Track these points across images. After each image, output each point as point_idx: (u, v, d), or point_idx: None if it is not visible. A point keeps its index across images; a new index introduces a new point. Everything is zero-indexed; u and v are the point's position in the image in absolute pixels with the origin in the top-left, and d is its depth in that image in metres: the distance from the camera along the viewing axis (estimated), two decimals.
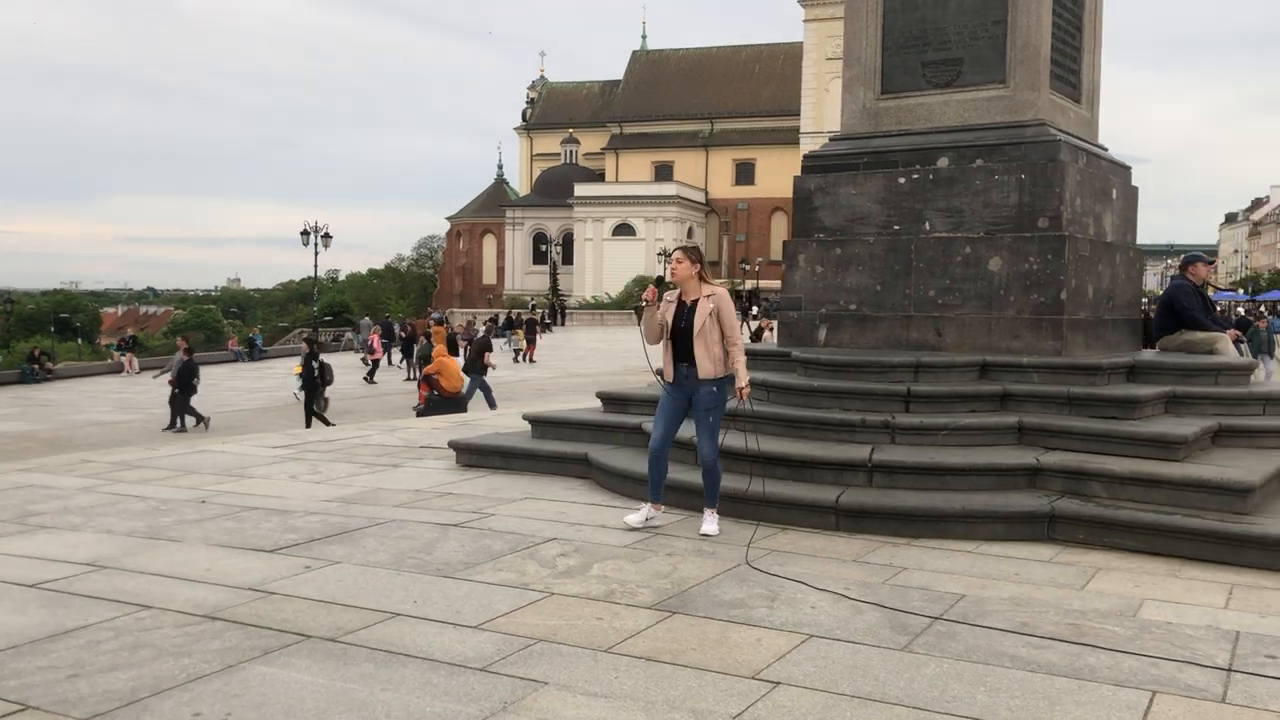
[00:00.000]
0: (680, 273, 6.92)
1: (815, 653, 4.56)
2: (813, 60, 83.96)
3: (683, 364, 6.83)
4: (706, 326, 6.75)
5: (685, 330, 6.80)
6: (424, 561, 6.06)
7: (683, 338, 6.81)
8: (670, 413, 6.92)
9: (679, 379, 6.86)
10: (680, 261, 6.92)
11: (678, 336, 6.84)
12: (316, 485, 8.59)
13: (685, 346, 6.80)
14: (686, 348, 6.79)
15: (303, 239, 47.39)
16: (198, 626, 4.87)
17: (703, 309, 6.79)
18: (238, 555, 6.21)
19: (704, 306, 6.79)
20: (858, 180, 9.55)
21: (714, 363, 6.75)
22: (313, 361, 20.67)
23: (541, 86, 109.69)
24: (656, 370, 7.04)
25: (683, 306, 6.88)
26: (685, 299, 6.89)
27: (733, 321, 6.86)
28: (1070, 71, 9.60)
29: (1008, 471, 7.23)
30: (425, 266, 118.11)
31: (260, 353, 46.01)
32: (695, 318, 6.78)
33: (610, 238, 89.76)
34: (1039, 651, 4.58)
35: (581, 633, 4.81)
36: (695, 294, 6.87)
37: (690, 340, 6.76)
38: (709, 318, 6.76)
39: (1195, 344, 9.78)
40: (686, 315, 6.83)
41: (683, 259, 6.92)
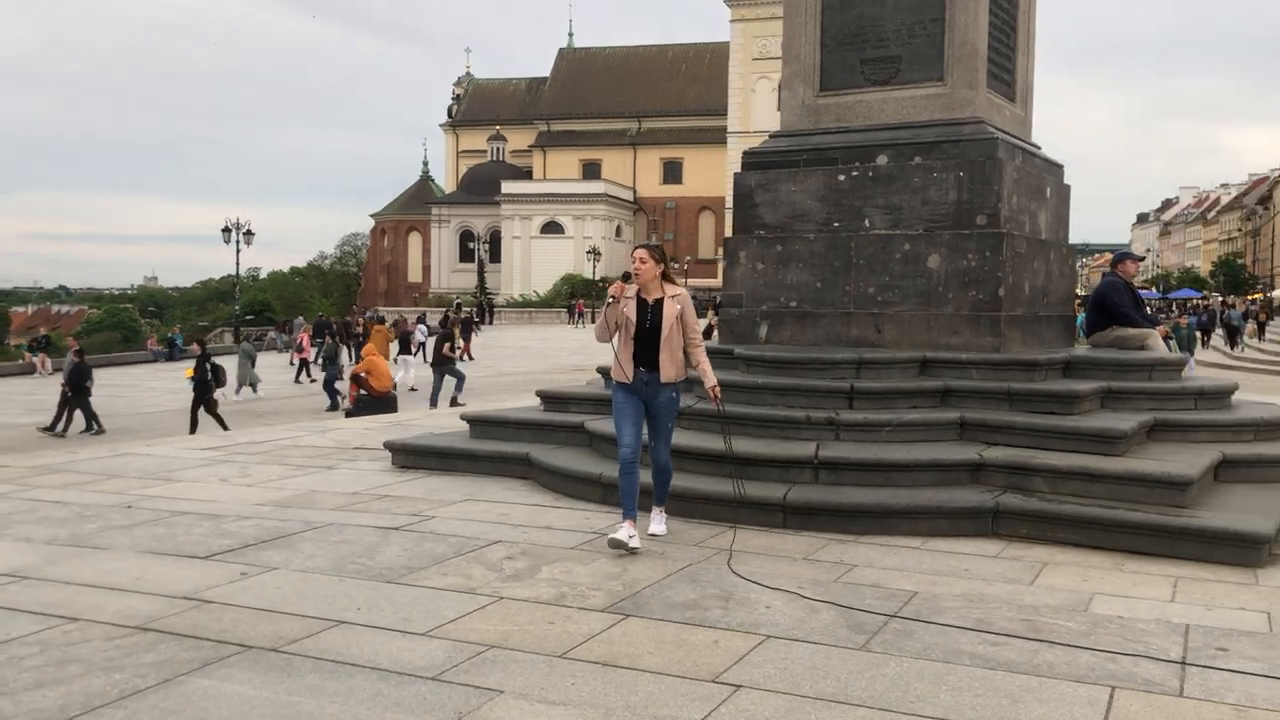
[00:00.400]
0: (645, 273, 6.47)
1: (774, 654, 4.49)
2: (739, 60, 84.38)
3: (642, 367, 6.43)
4: (674, 331, 6.43)
5: (650, 331, 6.42)
6: (366, 566, 5.87)
7: (645, 338, 6.43)
8: (634, 418, 6.48)
9: (636, 383, 6.45)
10: (644, 261, 6.48)
11: (640, 337, 6.45)
12: (248, 488, 8.33)
13: (647, 348, 6.42)
14: (649, 350, 6.42)
15: (224, 236, 46.43)
16: (130, 639, 4.65)
17: (669, 311, 6.43)
18: (169, 562, 5.96)
19: (670, 308, 6.43)
20: (798, 177, 9.53)
21: (677, 367, 6.46)
22: (205, 363, 20.27)
23: (467, 83, 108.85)
24: (604, 370, 6.87)
25: (644, 306, 6.47)
26: (646, 298, 6.48)
27: (696, 323, 6.59)
28: (1005, 70, 9.69)
29: (951, 467, 7.25)
30: (349, 265, 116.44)
31: (180, 352, 44.79)
32: (662, 319, 6.41)
33: (538, 236, 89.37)
34: (996, 649, 4.57)
35: (534, 638, 4.68)
36: (657, 294, 6.48)
37: (655, 342, 6.41)
38: (677, 321, 6.44)
39: (1127, 340, 9.94)
40: (651, 316, 6.45)
41: (647, 258, 6.48)
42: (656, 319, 6.41)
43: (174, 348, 44.92)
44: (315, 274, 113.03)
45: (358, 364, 18.60)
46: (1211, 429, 8.08)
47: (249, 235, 47.56)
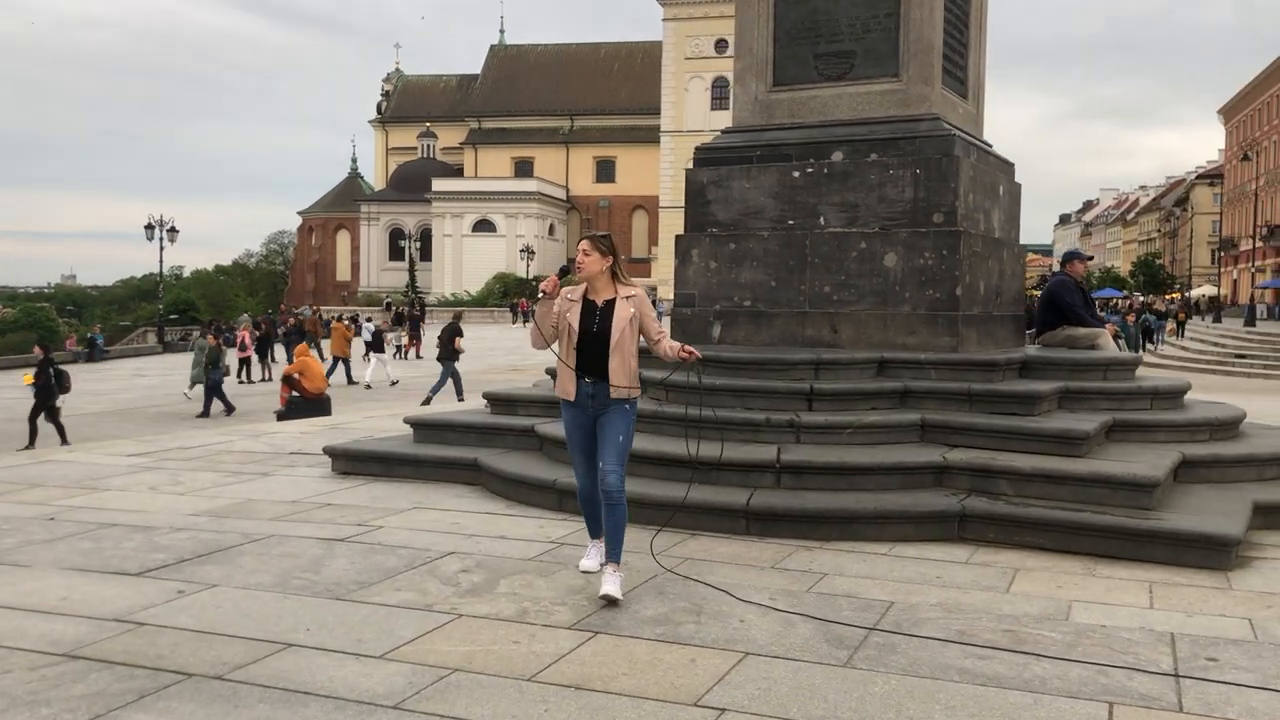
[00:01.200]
0: (589, 267, 5.42)
1: (755, 673, 4.26)
2: (672, 59, 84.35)
3: (587, 379, 5.40)
4: (626, 336, 5.36)
5: (598, 336, 5.38)
6: (312, 582, 5.53)
7: (590, 346, 5.39)
8: (585, 447, 5.54)
9: (581, 397, 5.45)
10: (588, 254, 5.42)
11: (585, 345, 5.42)
12: (181, 497, 7.90)
13: (594, 357, 5.38)
14: (595, 359, 5.38)
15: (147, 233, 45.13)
16: (56, 668, 4.27)
17: (621, 314, 5.38)
18: (98, 580, 5.56)
19: (623, 311, 5.38)
20: (751, 174, 9.33)
21: (630, 378, 5.42)
22: (49, 369, 19.42)
23: (397, 79, 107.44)
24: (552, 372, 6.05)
25: (591, 308, 5.44)
26: (594, 299, 5.46)
27: (658, 324, 5.56)
28: (958, 67, 9.59)
29: (915, 470, 7.10)
30: (276, 263, 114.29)
31: (102, 353, 43.52)
32: (612, 324, 5.36)
33: (470, 234, 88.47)
34: (984, 663, 4.38)
35: (499, 659, 4.39)
36: (608, 293, 5.44)
37: (603, 350, 5.37)
38: (629, 325, 5.37)
39: (1077, 339, 9.91)
40: (599, 320, 5.41)
41: (590, 250, 5.42)
42: (606, 323, 5.38)
43: (95, 348, 43.53)
44: (241, 272, 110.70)
45: (290, 364, 17.99)
46: (1169, 429, 8.03)
47: (173, 232, 46.31)
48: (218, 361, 22.68)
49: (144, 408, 23.06)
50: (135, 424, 19.31)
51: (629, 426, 5.49)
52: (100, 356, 42.94)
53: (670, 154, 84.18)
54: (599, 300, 5.47)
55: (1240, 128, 77.05)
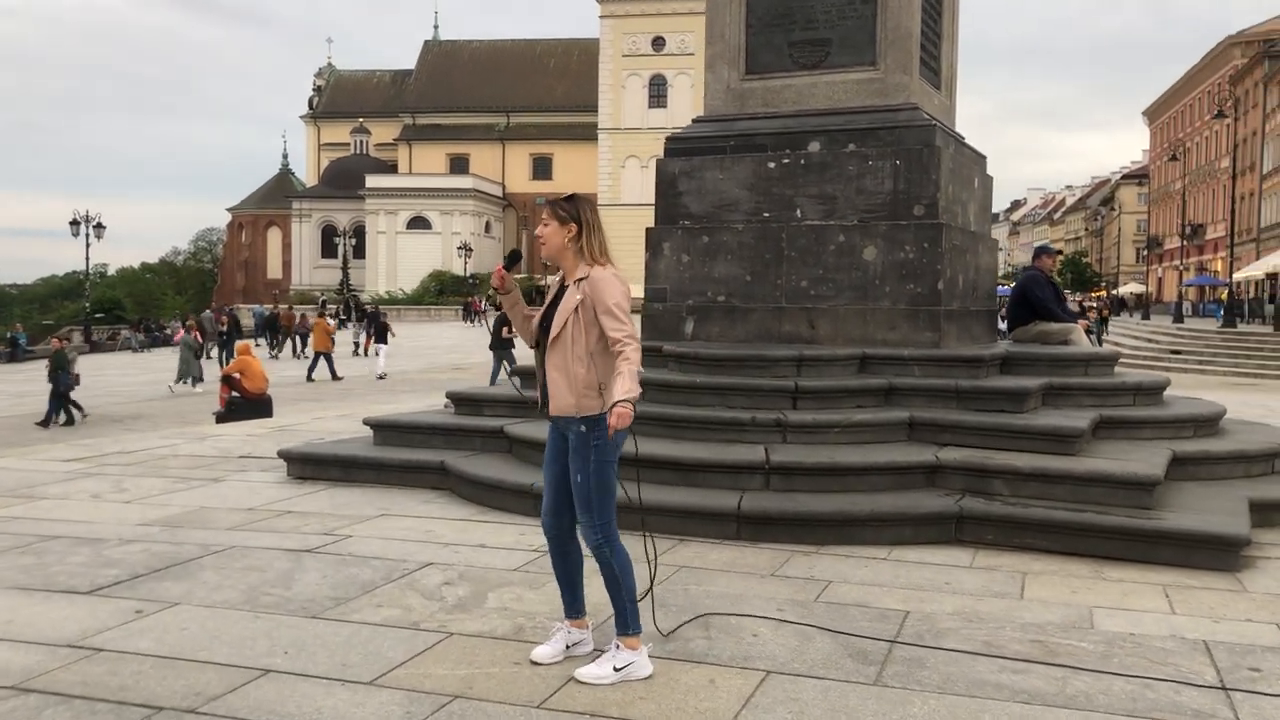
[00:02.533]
0: (550, 242, 4.21)
1: (782, 693, 3.94)
2: (609, 56, 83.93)
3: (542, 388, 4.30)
4: (568, 331, 4.13)
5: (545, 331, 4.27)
6: (283, 598, 5.10)
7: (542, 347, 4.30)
8: (554, 465, 4.33)
9: (543, 409, 4.32)
10: (546, 224, 4.20)
11: (541, 344, 4.30)
12: (127, 506, 7.38)
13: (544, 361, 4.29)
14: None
15: (72, 229, 43.66)
16: (5, 703, 3.82)
17: (566, 302, 4.17)
18: (45, 600, 5.08)
19: (569, 299, 4.16)
20: (725, 164, 9.03)
21: (575, 390, 4.10)
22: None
23: (329, 74, 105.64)
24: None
25: (560, 294, 4.27)
26: (567, 282, 4.26)
27: (615, 316, 4.08)
28: (933, 57, 9.38)
29: (907, 470, 6.85)
30: (204, 261, 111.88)
31: (25, 353, 41.98)
32: (558, 314, 4.19)
33: (404, 231, 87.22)
34: (1021, 677, 4.11)
35: (502, 684, 4.02)
36: (572, 274, 4.21)
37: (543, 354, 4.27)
38: (573, 315, 4.12)
39: (1050, 334, 9.78)
40: (547, 311, 4.31)
41: (549, 219, 4.19)
42: (552, 315, 4.25)
43: (17, 347, 41.99)
44: (168, 270, 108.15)
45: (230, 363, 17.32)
46: (1154, 425, 7.89)
47: (99, 228, 44.84)
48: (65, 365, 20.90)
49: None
50: (66, 427, 18.47)
51: (591, 460, 4.13)
52: (23, 357, 41.43)
53: (608, 151, 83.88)
54: (569, 282, 4.24)
55: (1164, 129, 78.78)
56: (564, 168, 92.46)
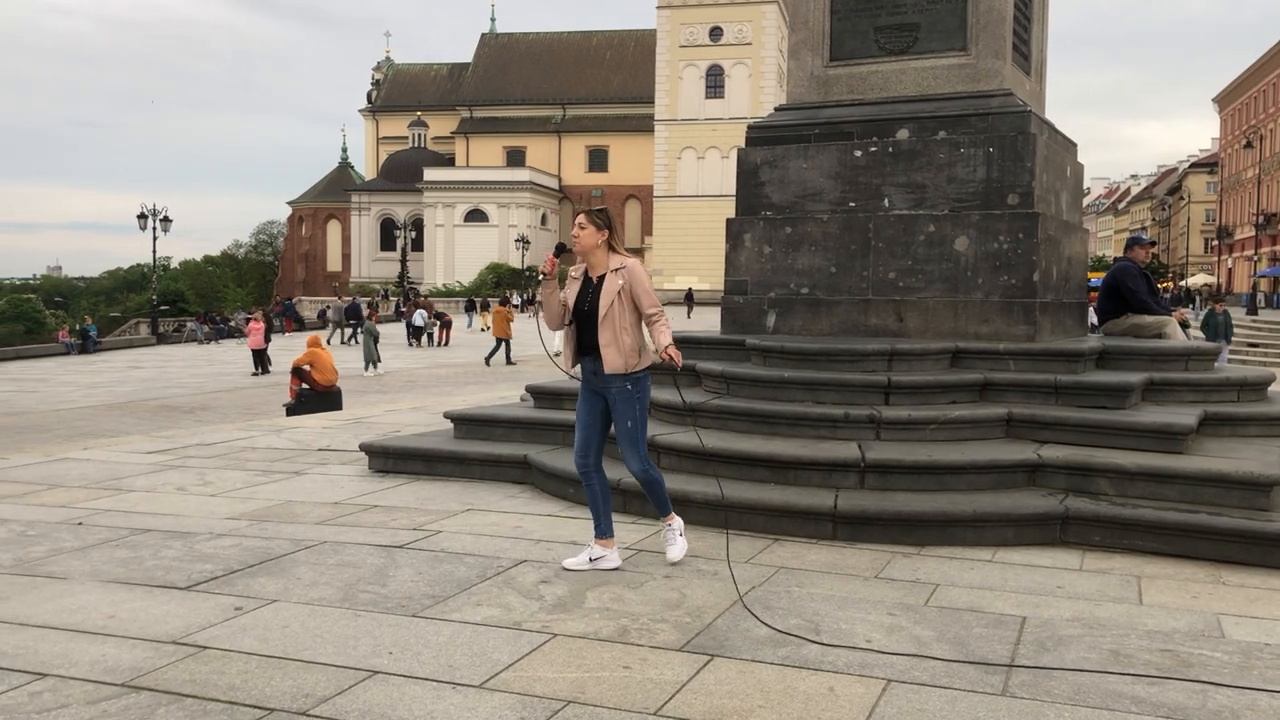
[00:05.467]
0: (584, 242, 5.46)
1: (906, 704, 3.78)
2: (666, 47, 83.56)
3: (587, 356, 5.50)
4: (615, 309, 5.38)
5: (590, 314, 5.45)
6: (380, 596, 5.02)
7: (586, 323, 5.48)
8: (585, 416, 5.59)
9: (586, 374, 5.56)
10: (583, 228, 5.46)
11: (580, 322, 5.51)
12: (212, 499, 7.38)
13: (590, 335, 5.45)
14: (592, 336, 5.44)
15: (139, 223, 44.38)
16: (118, 701, 3.76)
17: (609, 287, 5.40)
18: (144, 595, 5.05)
19: (611, 284, 5.41)
20: (809, 153, 8.83)
21: (624, 354, 5.38)
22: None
23: (387, 68, 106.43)
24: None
25: (588, 284, 5.53)
26: (592, 275, 5.53)
27: (649, 296, 5.46)
28: (1023, 42, 9.10)
29: (1009, 469, 6.62)
30: (265, 253, 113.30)
31: (95, 345, 42.78)
32: (600, 298, 5.41)
33: (462, 224, 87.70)
34: (1159, 690, 3.91)
35: (614, 689, 3.90)
36: (601, 268, 5.48)
37: (594, 326, 5.43)
38: (617, 298, 5.39)
39: (1143, 328, 9.46)
40: (591, 295, 5.48)
41: (585, 224, 5.46)
42: (596, 298, 5.44)
43: (88, 340, 42.80)
44: (230, 263, 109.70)
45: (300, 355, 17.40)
46: (1262, 422, 7.57)
47: (166, 222, 45.55)
48: None
49: (144, 400, 22.44)
50: (138, 418, 18.72)
51: (635, 408, 5.46)
52: (93, 349, 42.23)
53: (664, 143, 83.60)
54: (595, 276, 5.52)
55: (1236, 115, 76.87)
56: (620, 160, 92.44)
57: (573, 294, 5.54)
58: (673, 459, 7.16)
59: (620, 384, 5.40)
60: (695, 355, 8.57)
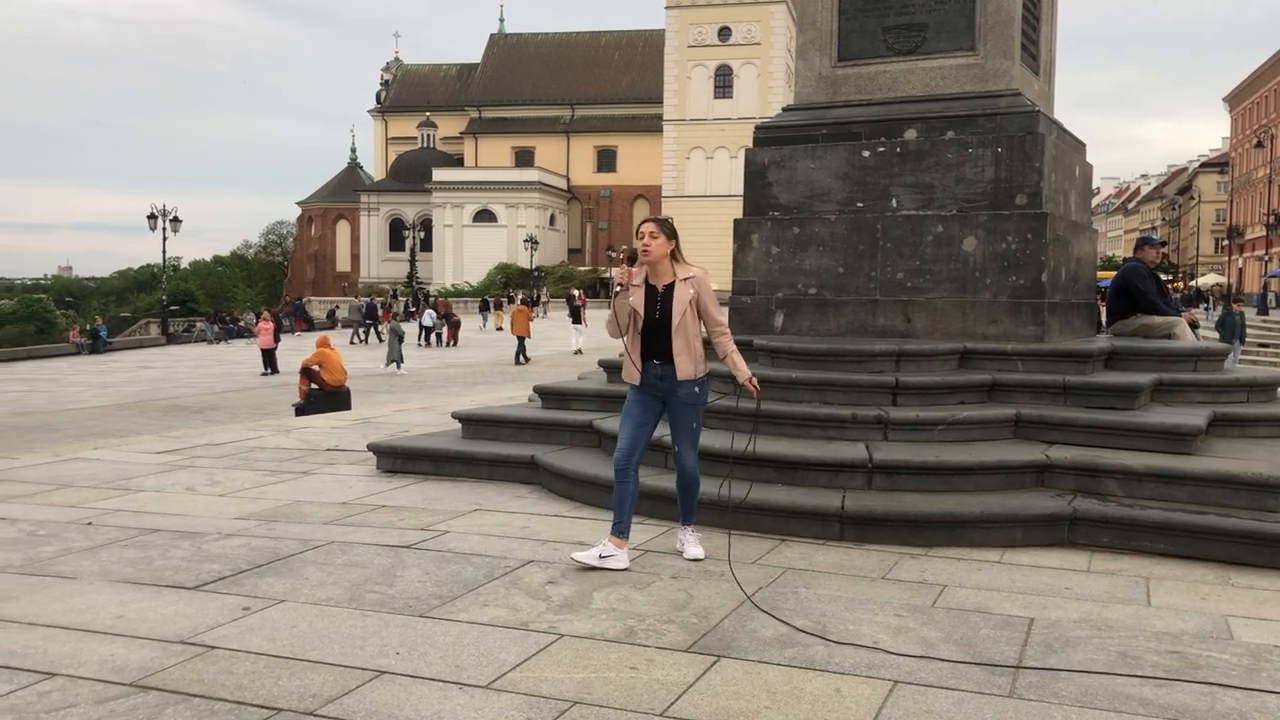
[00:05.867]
0: (655, 251, 5.54)
1: (914, 705, 3.77)
2: (675, 48, 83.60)
3: (653, 361, 5.59)
4: (687, 318, 5.54)
5: (660, 322, 5.56)
6: (388, 596, 5.03)
7: (655, 331, 5.57)
8: (639, 417, 5.65)
9: (648, 379, 5.62)
10: (655, 237, 5.54)
11: (649, 329, 5.59)
12: (221, 499, 7.41)
13: (659, 341, 5.57)
14: (661, 343, 5.56)
15: (149, 223, 44.51)
16: (127, 701, 3.78)
17: (680, 296, 5.55)
18: (153, 595, 5.06)
19: (682, 293, 5.56)
20: (816, 153, 8.82)
21: (694, 361, 5.58)
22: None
23: (396, 68, 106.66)
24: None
25: (653, 292, 5.61)
26: (655, 284, 5.62)
27: (717, 307, 5.71)
28: (1032, 42, 9.07)
29: (1017, 470, 6.61)
30: (275, 254, 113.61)
31: (105, 345, 42.94)
32: (673, 306, 5.54)
33: (470, 224, 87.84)
34: (1167, 692, 3.90)
35: (620, 689, 3.90)
36: (667, 277, 5.60)
37: (665, 334, 5.55)
38: (689, 307, 5.55)
39: (1153, 328, 9.43)
40: (660, 303, 5.58)
41: (656, 233, 5.56)
42: (667, 307, 5.55)
43: (98, 340, 42.95)
44: (239, 263, 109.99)
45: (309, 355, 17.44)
46: (1271, 423, 7.55)
47: (176, 222, 45.70)
48: None
49: (154, 400, 22.53)
50: (148, 417, 18.80)
51: (699, 411, 5.70)
52: (104, 348, 42.38)
53: (672, 143, 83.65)
54: (659, 285, 5.63)
55: (1246, 115, 76.58)
56: (628, 160, 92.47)
57: (639, 302, 5.60)
58: None
59: (688, 389, 5.60)
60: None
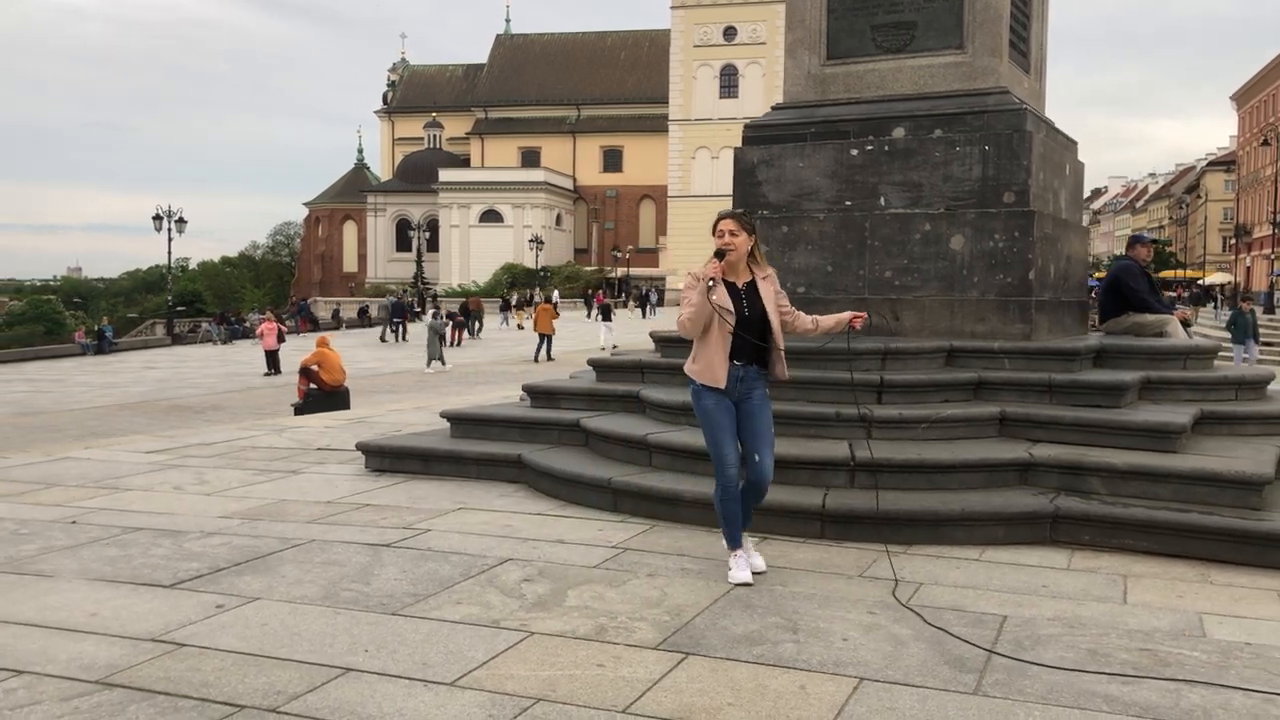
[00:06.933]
0: (740, 247, 5.24)
1: (877, 702, 3.77)
2: (680, 48, 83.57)
3: (738, 362, 5.22)
4: (777, 317, 5.32)
5: (751, 320, 5.22)
6: (363, 594, 5.05)
7: (745, 330, 5.20)
8: (730, 426, 5.27)
9: (730, 382, 5.23)
10: (735, 233, 5.23)
11: (741, 328, 5.20)
12: (208, 498, 7.43)
13: (748, 342, 5.22)
14: (750, 344, 5.23)
15: (154, 224, 44.65)
16: (91, 698, 3.79)
17: (767, 292, 5.30)
18: (129, 593, 5.08)
19: (767, 289, 5.31)
20: (805, 152, 8.81)
21: (782, 362, 5.35)
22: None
23: (403, 69, 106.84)
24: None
25: (735, 291, 5.26)
26: (735, 281, 5.29)
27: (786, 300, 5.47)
28: (1022, 39, 9.05)
29: (1000, 468, 6.59)
30: (282, 254, 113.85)
31: (111, 345, 43.07)
32: (764, 305, 5.27)
33: (477, 224, 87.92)
34: (1131, 689, 3.89)
35: (585, 686, 3.91)
36: (746, 274, 5.32)
37: (759, 334, 5.25)
38: (775, 305, 5.33)
39: (1144, 326, 9.41)
40: (747, 302, 5.25)
41: (738, 230, 5.25)
42: (755, 305, 5.25)
43: (104, 340, 43.09)
44: (247, 264, 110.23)
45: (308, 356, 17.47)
46: (1259, 421, 7.51)
47: (181, 223, 45.83)
48: None
49: (157, 400, 22.60)
50: (149, 418, 18.84)
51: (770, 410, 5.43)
52: (109, 349, 42.51)
53: (678, 143, 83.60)
54: (739, 282, 5.30)
55: (1254, 113, 76.32)
56: (634, 160, 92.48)
57: (725, 299, 5.21)
58: (664, 457, 7.17)
59: (762, 390, 5.37)
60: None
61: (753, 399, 5.31)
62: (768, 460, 5.32)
